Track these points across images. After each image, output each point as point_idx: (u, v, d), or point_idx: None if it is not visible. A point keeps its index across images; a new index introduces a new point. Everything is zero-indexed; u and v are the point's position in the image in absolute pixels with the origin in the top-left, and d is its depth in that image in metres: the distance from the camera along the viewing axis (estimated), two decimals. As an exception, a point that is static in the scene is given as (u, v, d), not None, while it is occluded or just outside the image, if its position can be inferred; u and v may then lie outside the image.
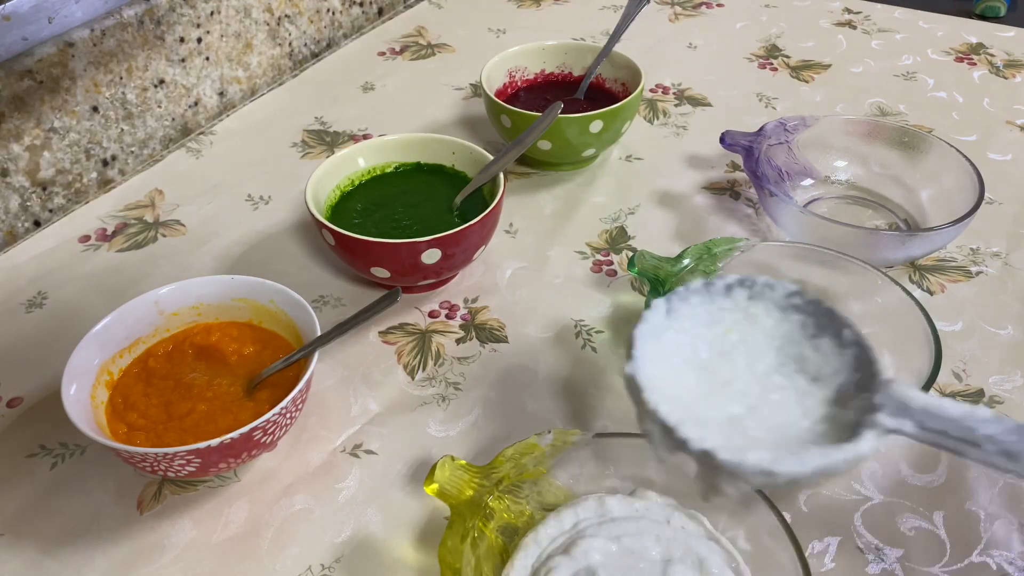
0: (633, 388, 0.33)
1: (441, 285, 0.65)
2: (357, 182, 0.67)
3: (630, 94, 0.74)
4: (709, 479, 0.32)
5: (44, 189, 0.75)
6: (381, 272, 0.60)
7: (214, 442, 0.45)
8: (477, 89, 0.90)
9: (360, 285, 0.66)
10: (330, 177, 0.65)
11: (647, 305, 0.55)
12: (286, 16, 0.95)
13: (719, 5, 1.07)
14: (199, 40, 0.85)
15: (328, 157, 0.67)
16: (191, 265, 0.68)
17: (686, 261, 0.59)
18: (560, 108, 0.66)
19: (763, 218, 0.72)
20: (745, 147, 0.70)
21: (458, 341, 0.61)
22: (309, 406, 0.56)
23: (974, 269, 0.66)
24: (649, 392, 0.33)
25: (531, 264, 0.68)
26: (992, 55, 0.95)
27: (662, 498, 0.47)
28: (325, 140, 0.83)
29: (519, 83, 0.81)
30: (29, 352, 0.60)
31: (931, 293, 0.64)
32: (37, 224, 0.75)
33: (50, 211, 0.76)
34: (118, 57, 0.77)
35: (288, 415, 0.48)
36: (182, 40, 0.83)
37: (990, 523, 0.49)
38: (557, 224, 0.72)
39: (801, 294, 0.36)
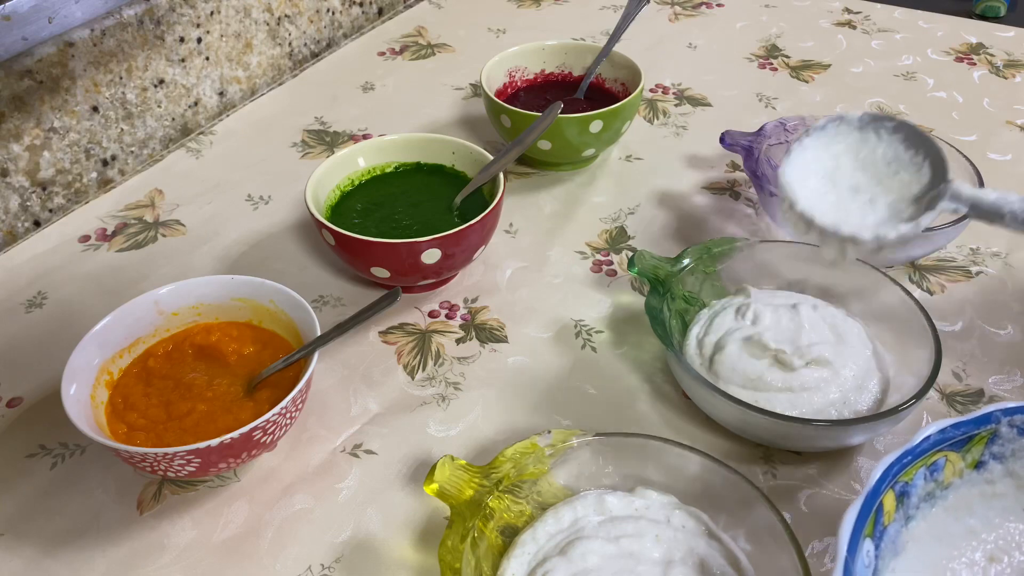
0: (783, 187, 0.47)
1: (441, 285, 0.65)
2: (357, 182, 0.67)
3: (630, 94, 0.74)
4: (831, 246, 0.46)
5: (44, 189, 0.75)
6: (381, 272, 0.60)
7: (214, 442, 0.45)
8: (477, 89, 0.90)
9: (360, 285, 0.66)
10: (330, 177, 0.65)
11: (648, 299, 0.55)
12: (286, 16, 0.95)
13: (719, 5, 1.07)
14: (199, 40, 0.85)
15: (328, 157, 0.67)
16: (191, 265, 0.68)
17: (686, 261, 0.59)
18: (560, 108, 0.66)
19: (763, 218, 0.72)
20: (745, 147, 0.70)
21: (458, 341, 0.61)
22: (309, 406, 0.56)
23: (974, 269, 0.66)
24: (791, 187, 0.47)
25: (531, 264, 0.68)
26: (992, 55, 0.95)
27: (662, 496, 0.47)
28: (325, 140, 0.83)
29: (519, 83, 0.81)
30: (29, 352, 0.60)
31: (931, 293, 0.64)
32: (37, 224, 0.75)
33: (50, 211, 0.76)
34: (118, 57, 0.77)
35: (288, 415, 0.48)
36: (182, 40, 0.83)
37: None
38: (557, 224, 0.72)
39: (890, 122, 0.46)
